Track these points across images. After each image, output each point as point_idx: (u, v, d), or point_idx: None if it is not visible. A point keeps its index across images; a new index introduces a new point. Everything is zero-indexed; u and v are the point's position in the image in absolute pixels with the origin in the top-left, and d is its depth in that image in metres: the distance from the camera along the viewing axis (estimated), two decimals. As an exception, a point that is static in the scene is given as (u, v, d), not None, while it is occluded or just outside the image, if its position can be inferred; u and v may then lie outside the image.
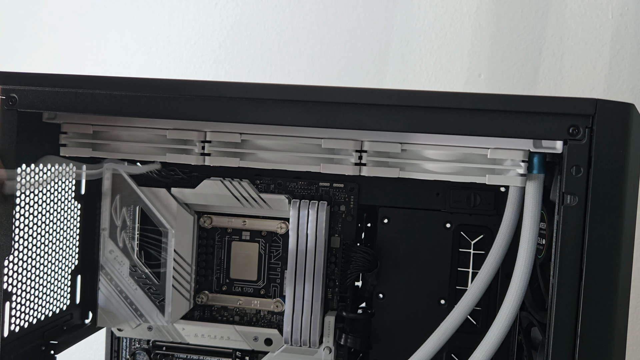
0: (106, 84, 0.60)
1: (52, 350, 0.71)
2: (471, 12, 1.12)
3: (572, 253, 0.53)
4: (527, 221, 0.60)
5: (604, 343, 0.53)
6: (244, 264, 0.77)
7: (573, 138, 0.53)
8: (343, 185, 0.75)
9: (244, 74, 1.20)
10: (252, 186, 0.73)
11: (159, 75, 1.21)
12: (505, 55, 1.12)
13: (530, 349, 0.72)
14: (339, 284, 0.75)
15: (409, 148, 0.61)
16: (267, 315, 0.78)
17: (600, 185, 0.53)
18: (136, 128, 0.65)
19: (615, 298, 0.53)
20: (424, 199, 0.75)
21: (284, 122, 0.58)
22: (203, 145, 0.64)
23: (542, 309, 0.69)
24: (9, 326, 0.64)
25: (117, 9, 1.23)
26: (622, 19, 1.08)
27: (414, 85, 1.14)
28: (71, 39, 1.25)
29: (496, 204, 0.73)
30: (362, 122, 0.56)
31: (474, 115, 0.55)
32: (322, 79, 1.17)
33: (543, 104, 0.54)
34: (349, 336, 0.73)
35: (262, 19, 1.19)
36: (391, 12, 1.15)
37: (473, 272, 0.74)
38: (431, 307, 0.75)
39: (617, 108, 0.53)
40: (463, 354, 0.74)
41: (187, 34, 1.21)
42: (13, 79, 0.61)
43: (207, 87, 0.59)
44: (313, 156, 0.63)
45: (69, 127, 0.66)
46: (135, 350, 0.80)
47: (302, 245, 0.71)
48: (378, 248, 0.76)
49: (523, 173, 0.59)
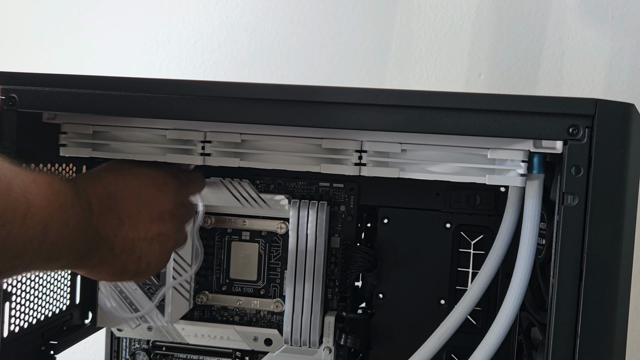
0: (106, 84, 0.60)
1: (52, 351, 0.71)
2: (471, 12, 1.12)
3: (572, 253, 0.53)
4: (527, 221, 0.60)
5: (604, 343, 0.53)
6: (244, 264, 0.77)
7: (573, 138, 0.53)
8: (343, 185, 0.75)
9: (244, 74, 1.20)
10: (252, 186, 0.73)
11: (159, 75, 1.21)
12: (505, 55, 1.12)
13: (530, 349, 0.72)
14: (339, 284, 0.75)
15: (409, 148, 0.61)
16: (267, 316, 0.78)
17: (600, 185, 0.53)
18: (136, 128, 0.65)
19: (615, 298, 0.53)
20: (424, 199, 0.75)
21: (284, 122, 0.58)
22: (203, 145, 0.64)
23: (542, 309, 0.68)
24: (9, 326, 0.64)
25: (117, 9, 1.23)
26: (622, 19, 1.08)
27: (414, 85, 1.14)
28: (71, 39, 1.25)
29: (496, 204, 0.73)
30: (362, 122, 0.56)
31: (474, 115, 0.55)
32: (322, 79, 1.17)
33: (543, 104, 0.54)
34: (349, 336, 0.73)
35: (262, 19, 1.19)
36: (391, 12, 1.15)
37: (473, 272, 0.74)
38: (431, 307, 0.75)
39: (617, 108, 0.53)
40: (463, 354, 0.74)
41: (187, 34, 1.21)
42: (13, 79, 0.61)
43: (207, 87, 0.59)
44: (313, 156, 0.63)
45: (69, 127, 0.66)
46: (135, 350, 0.80)
47: (302, 245, 0.71)
48: (378, 248, 0.76)
49: (523, 173, 0.59)
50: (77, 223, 0.49)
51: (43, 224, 0.46)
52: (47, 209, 0.46)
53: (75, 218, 0.49)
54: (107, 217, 0.53)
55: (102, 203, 0.53)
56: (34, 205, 0.45)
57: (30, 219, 0.44)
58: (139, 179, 0.58)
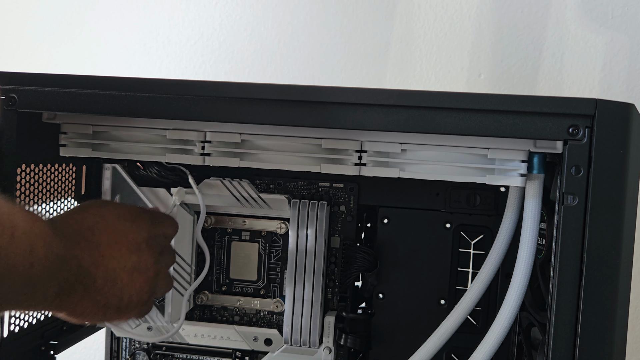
0: (106, 84, 0.60)
1: (51, 351, 0.70)
2: (471, 12, 1.12)
3: (572, 253, 0.53)
4: (527, 221, 0.60)
5: (604, 343, 0.53)
6: (244, 264, 0.77)
7: (573, 138, 0.53)
8: (343, 185, 0.75)
9: (244, 74, 1.20)
10: (252, 186, 0.73)
11: (159, 75, 1.21)
12: (505, 55, 1.12)
13: (530, 349, 0.72)
14: (339, 284, 0.75)
15: (409, 148, 0.61)
16: (267, 316, 0.78)
17: (600, 185, 0.53)
18: (136, 128, 0.65)
19: (615, 298, 0.53)
20: (424, 199, 0.75)
21: (284, 122, 0.58)
22: (203, 145, 0.64)
23: (542, 309, 0.68)
24: (9, 326, 0.64)
25: (117, 9, 1.23)
26: (622, 19, 1.08)
27: (414, 85, 1.14)
28: (71, 39, 1.25)
29: (496, 204, 0.73)
30: (362, 122, 0.56)
31: (474, 115, 0.55)
32: (322, 79, 1.17)
33: (543, 104, 0.54)
34: (349, 336, 0.73)
35: (262, 19, 1.19)
36: (391, 12, 1.15)
37: (473, 272, 0.74)
38: (431, 307, 0.75)
39: (617, 108, 0.53)
40: (463, 354, 0.74)
41: (187, 34, 1.21)
42: (13, 79, 0.61)
43: (207, 87, 0.59)
44: (313, 156, 0.63)
45: (69, 127, 0.66)
46: (135, 350, 0.80)
47: (302, 245, 0.71)
48: (378, 248, 0.76)
49: (523, 173, 0.59)
50: (60, 251, 0.49)
51: (29, 247, 0.46)
52: (32, 232, 0.46)
53: (57, 246, 0.49)
54: (87, 249, 0.54)
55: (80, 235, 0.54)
56: (19, 228, 0.45)
57: (17, 240, 0.44)
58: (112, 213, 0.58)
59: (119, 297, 0.56)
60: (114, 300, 0.55)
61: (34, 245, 0.46)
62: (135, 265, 0.57)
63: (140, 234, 0.58)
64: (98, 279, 0.54)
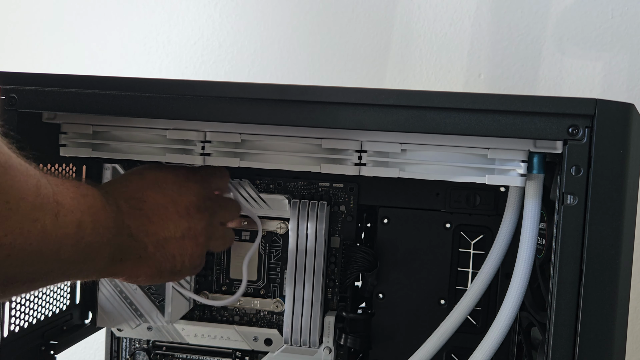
0: (106, 84, 0.60)
1: (52, 351, 0.71)
2: (471, 12, 1.12)
3: (572, 253, 0.53)
4: (527, 221, 0.60)
5: (604, 343, 0.53)
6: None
7: (573, 138, 0.53)
8: (343, 185, 0.75)
9: (244, 74, 1.20)
10: (252, 186, 0.73)
11: (159, 75, 1.21)
12: (505, 55, 1.12)
13: (530, 349, 0.72)
14: (339, 284, 0.75)
15: (409, 148, 0.61)
16: (267, 315, 0.78)
17: (600, 185, 0.53)
18: (136, 128, 0.65)
19: (615, 298, 0.53)
20: (424, 199, 0.75)
21: (284, 122, 0.58)
22: (203, 145, 0.64)
23: (542, 309, 0.68)
24: (9, 326, 0.64)
25: (117, 9, 1.23)
26: (622, 19, 1.08)
27: (414, 85, 1.14)
28: (71, 39, 1.25)
29: (496, 204, 0.73)
30: (362, 122, 0.56)
31: (474, 115, 0.55)
32: (322, 79, 1.17)
33: (543, 104, 0.54)
34: (349, 336, 0.73)
35: (262, 19, 1.19)
36: (391, 12, 1.15)
37: (473, 272, 0.74)
38: (431, 307, 0.75)
39: (617, 108, 0.53)
40: (463, 354, 0.74)
41: (187, 34, 1.21)
42: (13, 79, 0.61)
43: (207, 87, 0.59)
44: (313, 156, 0.63)
45: (69, 127, 0.66)
46: (135, 350, 0.80)
47: (302, 245, 0.71)
48: (378, 248, 0.76)
49: (523, 173, 0.59)
50: (110, 223, 0.50)
51: (77, 223, 0.46)
52: (78, 208, 0.47)
53: (107, 218, 0.50)
54: (137, 217, 0.55)
55: (130, 204, 0.55)
56: (64, 206, 0.45)
57: (62, 217, 0.45)
58: (161, 178, 0.59)
59: (171, 261, 0.57)
60: (167, 265, 0.57)
61: (81, 222, 0.47)
62: (185, 233, 0.57)
63: (189, 198, 0.59)
64: (149, 246, 0.55)
